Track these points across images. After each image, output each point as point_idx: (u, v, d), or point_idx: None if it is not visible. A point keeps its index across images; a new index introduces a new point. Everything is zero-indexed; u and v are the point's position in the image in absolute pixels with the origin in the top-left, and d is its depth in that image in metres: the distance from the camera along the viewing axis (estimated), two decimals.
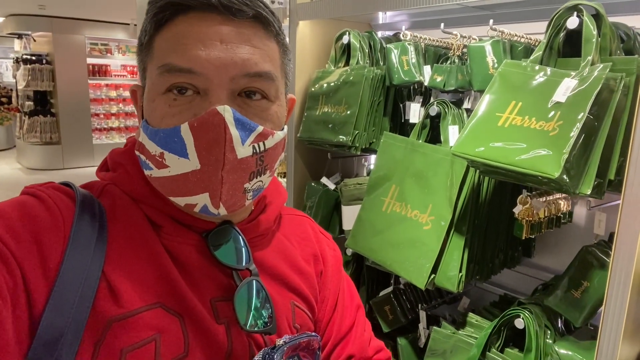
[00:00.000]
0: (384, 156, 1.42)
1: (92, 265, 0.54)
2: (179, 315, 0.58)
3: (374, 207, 1.42)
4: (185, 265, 0.61)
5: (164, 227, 0.61)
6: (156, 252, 0.59)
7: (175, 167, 0.56)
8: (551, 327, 1.21)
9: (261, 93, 0.58)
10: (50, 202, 0.56)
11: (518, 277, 1.59)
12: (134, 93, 0.64)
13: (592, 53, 1.00)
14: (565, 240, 1.47)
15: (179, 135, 0.55)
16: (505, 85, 1.09)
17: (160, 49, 0.56)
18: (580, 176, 0.97)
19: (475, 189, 1.28)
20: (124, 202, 0.61)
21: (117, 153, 0.66)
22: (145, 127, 0.58)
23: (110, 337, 0.53)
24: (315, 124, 1.58)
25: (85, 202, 0.58)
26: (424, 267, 1.27)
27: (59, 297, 0.51)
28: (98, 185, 0.63)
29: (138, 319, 0.55)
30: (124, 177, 0.63)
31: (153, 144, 0.57)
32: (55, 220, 0.55)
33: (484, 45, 1.22)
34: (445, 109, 1.32)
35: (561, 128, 0.96)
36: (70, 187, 0.61)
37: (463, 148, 1.08)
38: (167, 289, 0.58)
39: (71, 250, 0.54)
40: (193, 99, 0.56)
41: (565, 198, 1.29)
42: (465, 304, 1.65)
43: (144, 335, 0.55)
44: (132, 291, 0.56)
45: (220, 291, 0.62)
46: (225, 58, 0.55)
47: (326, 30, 1.67)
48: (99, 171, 0.67)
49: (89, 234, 0.56)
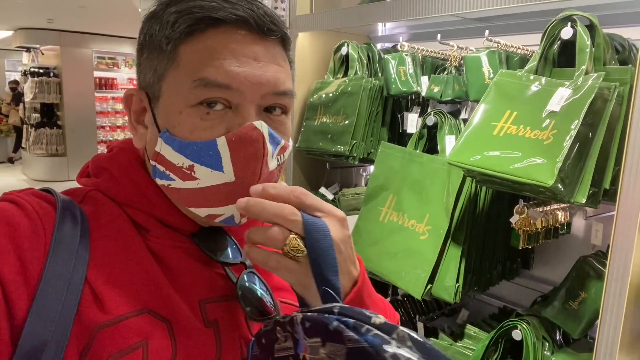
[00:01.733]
0: (382, 166, 1.42)
1: (74, 271, 0.53)
2: (166, 321, 0.57)
3: (371, 216, 1.42)
4: (172, 268, 0.60)
5: (151, 230, 0.60)
6: (141, 256, 0.58)
7: (206, 179, 0.57)
8: (549, 339, 1.20)
9: (282, 109, 0.61)
10: (29, 209, 0.55)
11: (517, 289, 1.57)
12: (130, 97, 0.63)
13: (586, 63, 1.00)
14: (564, 252, 1.46)
15: (214, 149, 0.55)
16: (500, 95, 1.10)
17: (190, 61, 0.56)
18: (575, 185, 0.97)
19: (472, 199, 1.28)
20: (108, 207, 0.60)
21: (101, 158, 0.66)
22: (170, 138, 0.57)
23: (97, 344, 0.52)
24: (314, 134, 1.58)
25: (66, 208, 0.57)
26: (421, 277, 1.26)
27: (41, 305, 0.50)
28: (80, 192, 0.62)
29: (124, 325, 0.54)
30: (108, 182, 0.62)
31: (181, 156, 0.57)
32: (35, 227, 0.54)
33: (480, 55, 1.23)
34: (442, 119, 1.33)
35: (555, 137, 0.96)
36: (50, 194, 0.60)
37: (458, 157, 1.08)
38: (153, 293, 0.57)
39: (52, 257, 0.53)
40: (225, 114, 0.57)
41: (563, 209, 1.28)
42: (464, 317, 1.63)
43: (131, 342, 0.53)
44: (118, 297, 0.55)
45: (210, 292, 0.61)
46: (260, 76, 0.56)
47: (325, 41, 1.69)
48: (80, 177, 0.66)
49: (71, 240, 0.54)
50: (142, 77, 0.61)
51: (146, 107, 0.61)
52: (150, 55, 0.59)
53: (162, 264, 0.59)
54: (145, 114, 0.62)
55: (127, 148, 0.65)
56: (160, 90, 0.59)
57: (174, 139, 0.57)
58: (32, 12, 6.74)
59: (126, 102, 0.64)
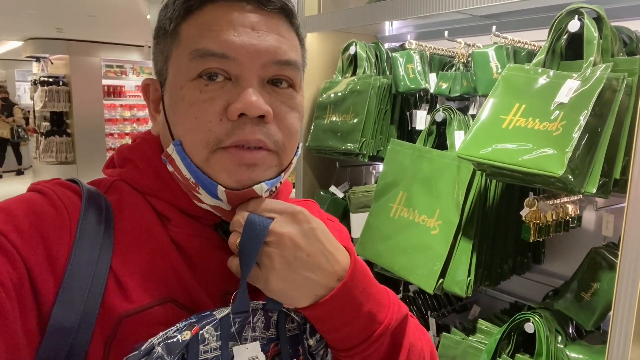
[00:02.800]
0: (391, 163, 1.43)
1: (99, 260, 0.54)
2: (189, 311, 0.57)
3: (381, 213, 1.43)
4: (194, 258, 0.60)
5: (173, 220, 0.61)
6: (164, 245, 0.58)
7: (206, 199, 0.59)
8: (562, 332, 1.20)
9: (288, 81, 0.59)
10: (55, 199, 0.56)
11: (528, 284, 1.57)
12: (147, 87, 0.64)
13: (594, 54, 1.01)
14: (576, 246, 1.46)
15: (214, 190, 0.56)
16: (508, 88, 1.11)
17: (189, 36, 0.56)
18: (585, 175, 0.98)
19: (482, 193, 1.29)
20: (132, 197, 0.61)
21: (125, 149, 0.66)
22: (181, 152, 0.57)
23: (122, 333, 0.53)
24: (323, 133, 1.60)
25: (91, 198, 0.58)
26: (432, 271, 1.27)
27: (67, 292, 0.51)
28: (105, 182, 0.63)
29: (148, 315, 0.54)
30: (132, 172, 0.63)
31: (189, 173, 0.57)
32: (61, 216, 0.55)
33: (488, 50, 1.24)
34: (451, 115, 1.34)
35: (564, 128, 0.97)
36: (76, 184, 0.61)
37: (468, 150, 1.09)
38: (176, 283, 0.57)
39: (78, 246, 0.54)
40: (224, 85, 0.55)
41: (573, 202, 1.29)
42: (476, 312, 1.63)
43: (155, 331, 0.53)
44: (142, 286, 0.55)
45: (232, 284, 0.60)
46: (258, 44, 0.55)
47: (333, 42, 1.71)
48: (106, 168, 0.67)
49: (96, 230, 0.56)
50: (155, 65, 0.62)
51: (160, 95, 0.61)
52: (159, 40, 0.60)
53: (184, 254, 0.60)
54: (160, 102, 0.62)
55: (149, 138, 0.65)
56: (167, 71, 0.59)
57: (184, 156, 0.57)
58: (42, 22, 6.83)
59: (144, 92, 0.65)
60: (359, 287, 0.57)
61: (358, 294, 0.56)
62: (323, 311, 0.56)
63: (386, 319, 0.58)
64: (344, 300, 0.56)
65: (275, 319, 0.59)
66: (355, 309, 0.56)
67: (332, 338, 0.59)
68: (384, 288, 0.62)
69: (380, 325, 0.58)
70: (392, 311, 0.60)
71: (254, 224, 0.55)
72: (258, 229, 0.54)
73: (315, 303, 0.55)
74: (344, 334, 0.57)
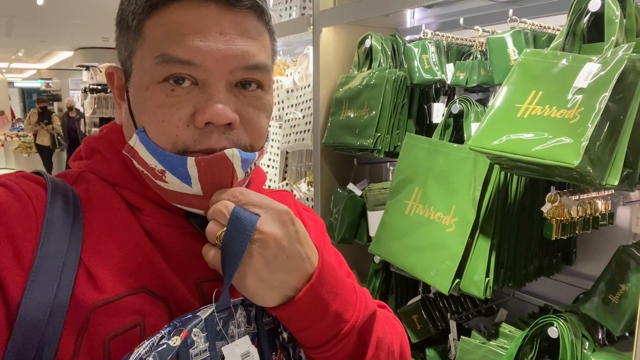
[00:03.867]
0: (407, 158, 1.38)
1: (68, 252, 0.53)
2: (163, 299, 0.56)
3: (397, 210, 1.37)
4: (167, 247, 0.59)
5: (144, 210, 0.60)
6: (136, 235, 0.58)
7: (175, 186, 0.57)
8: (590, 337, 1.11)
9: (257, 83, 0.59)
10: (19, 191, 0.55)
11: (559, 286, 1.47)
12: (111, 75, 0.63)
13: (615, 34, 0.93)
14: (609, 245, 1.35)
15: (184, 166, 0.55)
16: (524, 75, 1.04)
17: (154, 37, 0.55)
18: (606, 166, 0.89)
19: (502, 189, 1.21)
20: (100, 188, 0.60)
21: (91, 140, 0.65)
22: (145, 139, 0.56)
23: (93, 324, 0.52)
24: (339, 129, 1.56)
25: (57, 190, 0.57)
26: (447, 271, 1.21)
27: (36, 286, 0.50)
28: (72, 174, 0.62)
29: (121, 304, 0.53)
30: (100, 163, 0.62)
31: (154, 159, 0.56)
32: (26, 209, 0.54)
33: (504, 36, 1.16)
34: (468, 106, 1.27)
35: (582, 115, 0.89)
36: (41, 175, 0.60)
37: (480, 142, 1.02)
38: (149, 272, 0.56)
39: (45, 239, 0.53)
40: (191, 90, 0.55)
41: (603, 197, 1.19)
42: (503, 316, 1.55)
43: (127, 321, 0.53)
44: (113, 276, 0.54)
45: (206, 272, 0.60)
46: (225, 50, 0.54)
47: (351, 36, 1.67)
48: (73, 161, 0.66)
49: (63, 221, 0.55)
50: (119, 54, 0.60)
51: (124, 84, 0.60)
52: (121, 32, 0.59)
53: (157, 243, 0.59)
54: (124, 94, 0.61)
55: (116, 128, 0.65)
56: (131, 67, 0.58)
57: (149, 142, 0.56)
58: (89, 31, 7.14)
59: (109, 79, 0.64)
60: (326, 287, 0.57)
61: (325, 294, 0.56)
62: (290, 311, 0.55)
63: (352, 317, 0.58)
64: (311, 301, 0.56)
65: (253, 313, 0.57)
66: (322, 309, 0.56)
67: (300, 336, 0.59)
68: (352, 285, 0.62)
69: (347, 324, 0.58)
70: (359, 309, 0.60)
71: (240, 219, 0.53)
72: (245, 224, 0.53)
73: (283, 304, 0.55)
74: (312, 333, 0.57)
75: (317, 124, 1.67)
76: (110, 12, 3.44)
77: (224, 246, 0.53)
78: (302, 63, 1.87)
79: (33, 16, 5.60)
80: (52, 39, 7.96)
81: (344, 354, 0.59)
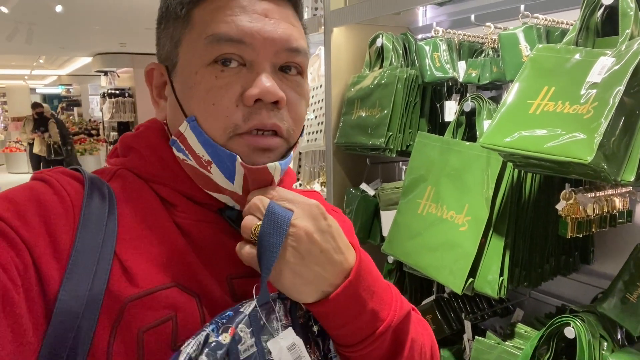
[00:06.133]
0: (419, 157, 1.37)
1: (104, 246, 0.54)
2: (195, 295, 0.57)
3: (409, 209, 1.36)
4: (200, 243, 0.60)
5: (178, 205, 0.61)
6: (169, 231, 0.59)
7: (217, 178, 0.58)
8: (608, 338, 1.08)
9: (297, 68, 0.60)
10: (58, 186, 0.57)
11: (577, 286, 1.45)
12: (151, 72, 0.64)
13: (630, 27, 0.91)
14: (628, 244, 1.32)
15: (232, 163, 0.56)
16: (537, 71, 1.02)
17: (203, 21, 0.57)
18: (621, 162, 0.88)
19: (515, 187, 1.19)
20: (136, 184, 0.62)
21: (128, 137, 0.67)
22: (197, 129, 0.57)
23: (127, 317, 0.53)
24: (351, 129, 1.56)
25: (93, 185, 0.59)
26: (461, 270, 1.19)
27: (72, 279, 0.52)
28: (109, 170, 0.64)
29: (154, 298, 0.54)
30: (136, 160, 0.64)
31: (203, 149, 0.57)
32: (64, 203, 0.56)
33: (516, 32, 1.15)
34: (480, 104, 1.26)
35: (596, 110, 0.87)
36: (79, 172, 0.62)
37: (492, 139, 1.01)
38: (181, 268, 0.58)
39: (82, 233, 0.54)
40: (239, 71, 0.56)
41: (621, 194, 1.16)
42: (519, 316, 1.52)
43: (160, 315, 0.54)
44: (147, 270, 0.56)
45: (238, 269, 0.61)
46: (272, 32, 0.57)
47: (362, 35, 1.66)
48: (110, 158, 0.68)
49: (99, 216, 0.56)
50: (161, 49, 0.62)
51: (166, 80, 0.62)
52: (167, 24, 0.61)
53: (189, 239, 0.60)
54: (166, 87, 0.62)
55: (153, 126, 0.66)
56: (177, 56, 0.59)
57: (200, 131, 0.57)
58: (106, 37, 7.25)
59: (147, 77, 0.65)
60: (364, 284, 0.57)
61: (362, 292, 0.56)
62: (328, 308, 0.55)
63: (389, 316, 0.58)
64: (348, 298, 0.56)
65: (289, 306, 0.58)
66: (359, 307, 0.56)
67: (335, 334, 0.59)
68: (387, 284, 0.62)
69: (383, 323, 0.58)
70: (394, 308, 0.60)
71: (276, 214, 0.54)
72: (280, 219, 0.53)
73: (321, 300, 0.55)
74: (348, 330, 0.57)
75: (329, 124, 1.67)
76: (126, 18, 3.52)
77: (260, 240, 0.53)
78: (314, 64, 1.87)
79: (53, 23, 5.72)
80: (72, 45, 8.12)
81: (379, 354, 0.59)
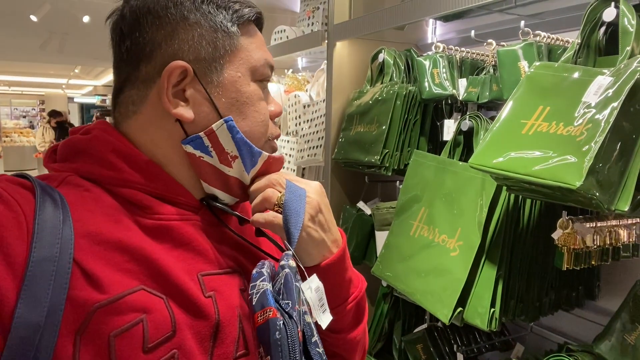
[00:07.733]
0: (414, 176, 1.31)
1: (61, 255, 0.53)
2: (162, 295, 0.58)
3: (402, 231, 1.30)
4: (172, 242, 0.61)
5: (150, 207, 0.61)
6: (132, 234, 0.59)
7: (236, 171, 0.66)
8: None
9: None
10: (6, 196, 0.54)
11: (581, 322, 1.35)
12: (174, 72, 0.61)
13: (631, 44, 0.84)
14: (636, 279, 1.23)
15: (257, 157, 0.66)
16: (532, 89, 0.96)
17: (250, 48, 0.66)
18: (616, 189, 0.80)
19: (512, 211, 1.12)
20: (92, 190, 0.60)
21: (79, 141, 0.64)
22: (233, 127, 0.63)
23: (95, 323, 0.52)
24: (349, 145, 1.51)
25: (44, 193, 0.57)
26: (449, 298, 1.12)
27: (30, 291, 0.50)
28: (55, 177, 0.62)
29: (122, 303, 0.54)
30: (89, 165, 0.62)
31: (234, 147, 0.64)
32: (15, 213, 0.53)
33: (515, 48, 1.09)
34: (478, 122, 1.20)
35: (589, 132, 0.81)
36: (26, 179, 0.59)
37: (480, 159, 0.95)
38: (147, 269, 0.58)
39: (37, 243, 0.53)
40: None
41: (627, 226, 1.08)
42: (519, 352, 1.43)
43: (130, 318, 0.54)
44: (111, 276, 0.55)
45: (210, 267, 0.63)
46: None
47: (365, 50, 1.63)
48: (49, 163, 0.65)
49: (54, 224, 0.54)
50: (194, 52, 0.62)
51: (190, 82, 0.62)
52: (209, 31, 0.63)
53: (160, 239, 0.60)
54: (188, 89, 0.62)
55: (109, 129, 0.65)
56: (223, 65, 0.64)
57: (237, 131, 0.63)
58: None
59: (169, 75, 0.61)
60: (347, 255, 0.70)
61: (347, 261, 0.69)
62: (326, 270, 0.65)
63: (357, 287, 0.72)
64: (340, 264, 0.67)
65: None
66: (344, 273, 0.69)
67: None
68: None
69: (355, 289, 0.72)
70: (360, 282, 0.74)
71: (296, 187, 0.65)
72: (300, 191, 0.64)
73: (321, 263, 0.65)
74: (336, 293, 0.68)
75: (329, 139, 1.63)
76: None
77: (286, 206, 0.62)
78: (319, 78, 1.85)
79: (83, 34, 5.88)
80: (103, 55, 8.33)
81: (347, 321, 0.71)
